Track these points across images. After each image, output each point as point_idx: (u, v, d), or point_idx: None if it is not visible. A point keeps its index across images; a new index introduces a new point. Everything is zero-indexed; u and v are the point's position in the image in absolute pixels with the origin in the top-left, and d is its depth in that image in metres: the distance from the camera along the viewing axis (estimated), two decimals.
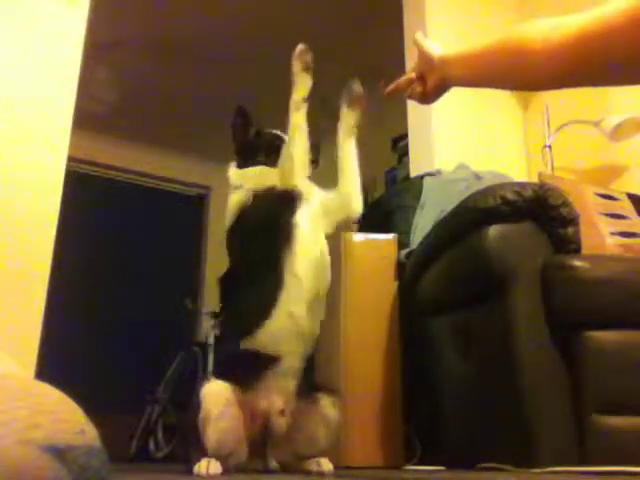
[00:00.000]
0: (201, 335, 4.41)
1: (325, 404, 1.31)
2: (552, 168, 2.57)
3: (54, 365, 1.81)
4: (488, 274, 1.46)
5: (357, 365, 1.82)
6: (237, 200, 1.39)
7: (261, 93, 3.48)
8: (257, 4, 3.57)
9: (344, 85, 1.44)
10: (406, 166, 3.03)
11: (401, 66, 2.59)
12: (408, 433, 1.81)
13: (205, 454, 1.18)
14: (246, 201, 1.37)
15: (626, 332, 1.38)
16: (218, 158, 5.23)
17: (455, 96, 1.20)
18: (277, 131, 1.48)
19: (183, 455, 1.44)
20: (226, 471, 1.18)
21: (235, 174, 1.46)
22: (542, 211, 1.45)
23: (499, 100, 2.90)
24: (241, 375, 1.24)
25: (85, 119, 2.33)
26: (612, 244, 1.88)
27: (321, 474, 1.25)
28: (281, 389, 1.25)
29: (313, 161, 1.40)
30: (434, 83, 1.13)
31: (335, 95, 1.43)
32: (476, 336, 1.53)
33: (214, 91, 4.25)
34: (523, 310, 1.40)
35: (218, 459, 1.18)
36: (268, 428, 1.25)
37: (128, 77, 4.14)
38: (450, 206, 1.68)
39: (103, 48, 3.60)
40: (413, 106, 2.77)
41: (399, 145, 3.95)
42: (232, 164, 1.49)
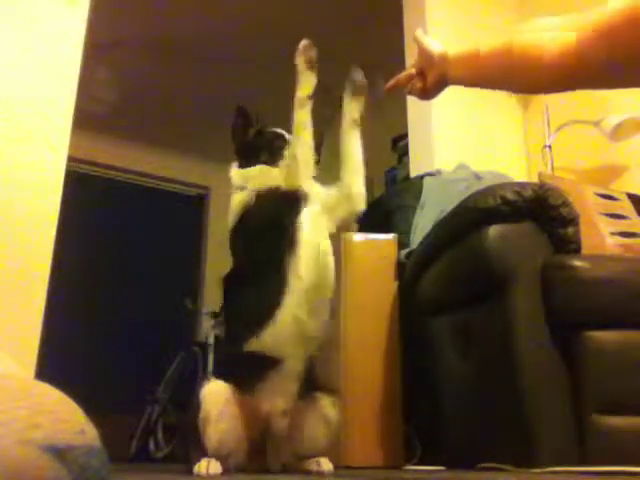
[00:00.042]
0: (201, 335, 4.40)
1: (325, 404, 1.31)
2: (552, 168, 2.57)
3: (54, 365, 1.81)
4: (488, 274, 1.46)
5: (357, 365, 1.82)
6: (240, 200, 1.37)
7: (261, 93, 3.48)
8: (257, 4, 3.57)
9: (346, 76, 1.40)
10: (406, 166, 3.03)
11: (401, 66, 2.58)
12: (408, 433, 1.81)
13: (205, 454, 1.18)
14: (249, 201, 1.35)
15: (626, 332, 1.38)
16: (218, 158, 5.23)
17: (455, 96, 1.20)
18: (278, 129, 1.47)
19: (183, 455, 1.44)
20: (226, 471, 1.18)
21: (237, 174, 1.43)
22: (542, 211, 1.45)
23: (499, 100, 2.90)
24: (243, 376, 1.23)
25: (85, 119, 2.33)
26: (612, 244, 1.88)
27: (321, 474, 1.24)
28: (283, 391, 1.24)
29: (317, 162, 1.37)
30: (434, 79, 1.14)
31: (335, 95, 1.43)
32: (476, 336, 1.53)
33: (214, 91, 4.25)
34: (523, 310, 1.40)
35: (218, 459, 1.18)
36: (269, 429, 1.25)
37: (128, 77, 4.14)
38: (450, 206, 1.68)
39: (103, 48, 3.60)
40: (413, 106, 2.77)
41: (399, 145, 3.94)
42: (234, 164, 1.46)
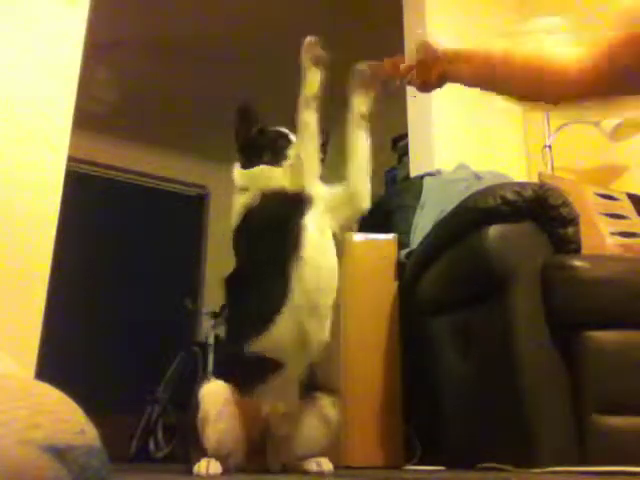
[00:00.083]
0: (201, 335, 4.40)
1: (325, 404, 1.31)
2: (552, 168, 2.57)
3: (54, 365, 1.81)
4: (488, 274, 1.46)
5: (357, 365, 1.82)
6: (243, 201, 1.35)
7: (261, 93, 3.48)
8: (257, 4, 3.57)
9: (351, 72, 1.37)
10: (406, 166, 3.03)
11: None
12: (408, 433, 1.81)
13: (205, 454, 1.18)
14: (253, 201, 1.32)
15: (626, 332, 1.38)
16: (218, 158, 5.23)
17: (455, 96, 1.21)
18: (282, 128, 1.44)
19: (183, 455, 1.44)
20: (226, 471, 1.18)
21: (240, 174, 1.40)
22: (542, 211, 1.45)
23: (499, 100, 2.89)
24: (243, 378, 1.23)
25: (85, 119, 2.33)
26: (612, 244, 1.88)
27: (321, 474, 1.24)
28: (283, 395, 1.24)
29: (322, 160, 1.35)
30: (436, 74, 1.15)
31: (335, 95, 1.42)
32: (476, 336, 1.53)
33: (214, 91, 4.25)
34: (523, 310, 1.40)
35: (218, 459, 1.18)
36: (269, 431, 1.25)
37: (128, 77, 4.13)
38: (450, 206, 1.68)
39: (103, 48, 3.60)
40: (413, 106, 2.77)
41: (399, 145, 3.94)
42: (236, 164, 1.43)
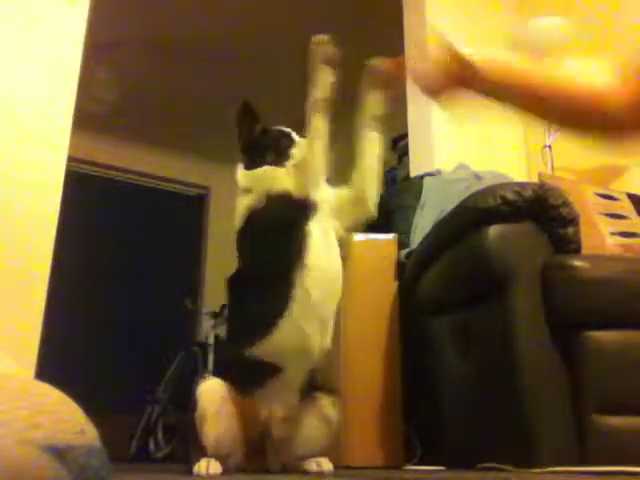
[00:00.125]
0: (201, 335, 4.40)
1: (325, 404, 1.30)
2: (552, 168, 2.57)
3: (54, 365, 1.81)
4: (488, 274, 1.46)
5: (357, 365, 1.82)
6: (247, 203, 1.32)
7: (261, 93, 3.48)
8: (257, 4, 3.57)
9: (364, 70, 1.33)
10: (406, 166, 3.02)
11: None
12: (408, 433, 1.81)
13: (205, 454, 1.18)
14: (257, 204, 1.30)
15: (626, 332, 1.38)
16: (218, 158, 5.23)
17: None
18: (285, 128, 1.42)
19: (183, 455, 1.44)
20: (226, 471, 1.18)
21: (243, 176, 1.38)
22: (542, 211, 1.45)
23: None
24: (242, 381, 1.23)
25: (85, 119, 2.33)
26: (612, 244, 1.88)
27: (321, 474, 1.24)
28: (282, 399, 1.24)
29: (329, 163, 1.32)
30: (457, 79, 1.08)
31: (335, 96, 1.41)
32: (476, 336, 1.53)
33: (214, 91, 4.25)
34: (523, 310, 1.40)
35: (217, 459, 1.18)
36: (268, 431, 1.25)
37: (128, 77, 4.14)
38: (450, 206, 1.68)
39: (103, 48, 3.60)
40: (413, 106, 2.77)
41: (399, 145, 3.93)
42: (239, 165, 1.40)
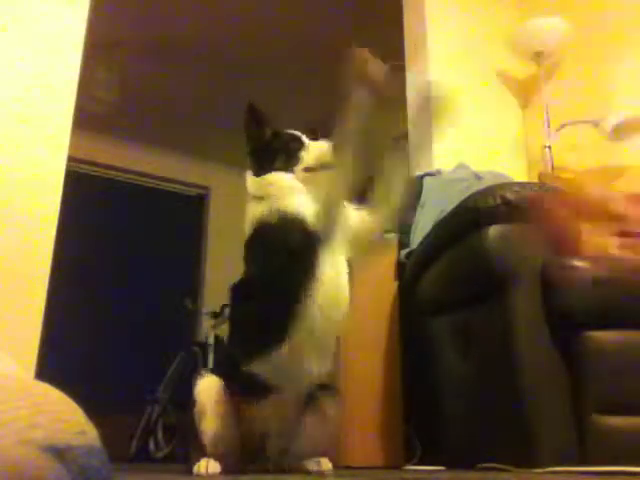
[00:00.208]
0: (201, 335, 4.40)
1: (325, 404, 1.31)
2: (552, 168, 2.57)
3: (54, 365, 1.81)
4: (488, 274, 1.46)
5: (357, 365, 1.82)
6: (259, 211, 1.28)
7: (261, 93, 3.48)
8: (257, 4, 3.57)
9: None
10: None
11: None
12: (408, 433, 1.81)
13: (204, 454, 1.18)
14: (270, 216, 1.25)
15: (626, 332, 1.38)
16: (218, 158, 5.23)
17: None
18: (295, 132, 1.37)
19: (183, 455, 1.44)
20: (225, 471, 1.18)
21: (253, 183, 1.33)
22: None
23: (499, 100, 2.90)
24: (241, 391, 1.22)
25: (85, 119, 2.33)
26: (612, 244, 1.88)
27: (321, 474, 1.24)
28: (279, 417, 1.23)
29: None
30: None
31: (335, 98, 1.40)
32: (476, 336, 1.53)
33: (214, 91, 4.25)
34: (523, 310, 1.40)
35: (216, 457, 1.18)
36: (267, 433, 1.25)
37: (128, 77, 4.14)
38: (450, 206, 1.68)
39: (103, 48, 3.60)
40: (413, 106, 2.77)
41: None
42: (248, 172, 1.36)
